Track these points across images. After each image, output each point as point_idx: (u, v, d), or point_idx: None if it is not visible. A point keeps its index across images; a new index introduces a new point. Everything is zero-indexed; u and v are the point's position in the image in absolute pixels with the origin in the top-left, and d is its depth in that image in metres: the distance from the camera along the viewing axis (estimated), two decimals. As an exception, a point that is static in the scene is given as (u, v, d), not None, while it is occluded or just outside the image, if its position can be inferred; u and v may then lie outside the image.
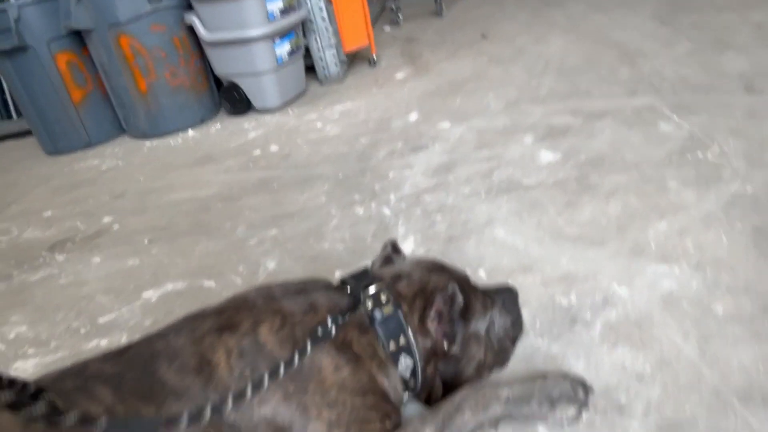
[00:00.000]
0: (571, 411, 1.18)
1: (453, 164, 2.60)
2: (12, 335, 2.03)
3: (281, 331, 1.10)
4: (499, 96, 3.34)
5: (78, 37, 4.03)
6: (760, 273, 1.52)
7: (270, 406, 1.03)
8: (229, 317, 1.13)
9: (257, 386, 1.00)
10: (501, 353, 1.33)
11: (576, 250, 1.80)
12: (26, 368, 1.82)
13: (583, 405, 1.19)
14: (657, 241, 1.75)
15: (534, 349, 1.43)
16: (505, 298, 1.38)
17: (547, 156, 2.47)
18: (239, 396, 0.98)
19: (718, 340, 1.34)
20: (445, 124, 3.10)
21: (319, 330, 1.10)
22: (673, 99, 2.75)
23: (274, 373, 1.02)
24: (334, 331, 1.11)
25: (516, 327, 1.38)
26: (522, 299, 1.43)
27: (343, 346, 1.12)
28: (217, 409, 0.95)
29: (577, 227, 1.92)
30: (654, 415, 1.18)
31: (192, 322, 1.14)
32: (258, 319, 1.12)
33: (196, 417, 0.92)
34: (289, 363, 1.04)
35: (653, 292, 1.54)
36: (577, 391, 1.19)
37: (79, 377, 1.00)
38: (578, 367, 1.34)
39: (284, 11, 3.91)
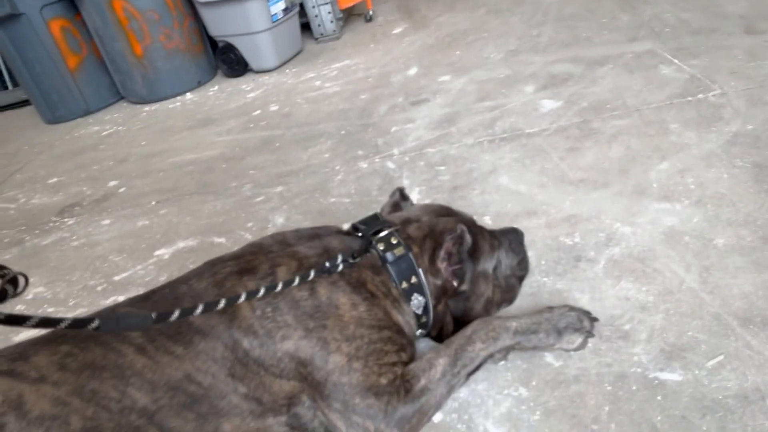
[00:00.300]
0: (578, 339, 1.23)
1: (455, 116, 2.61)
2: (30, 296, 2.08)
3: (297, 273, 1.14)
4: (499, 47, 3.32)
5: (71, 2, 3.98)
6: (759, 206, 1.56)
7: (292, 341, 1.08)
8: (248, 261, 1.17)
9: (251, 294, 1.05)
10: (508, 290, 1.38)
11: (579, 193, 1.83)
12: (48, 326, 1.88)
13: (588, 333, 1.24)
14: (659, 180, 1.78)
15: (540, 285, 1.48)
16: (511, 239, 1.42)
17: (548, 104, 2.48)
18: (234, 298, 1.03)
19: (718, 270, 1.38)
20: (446, 77, 3.09)
21: (327, 264, 1.14)
22: (673, 43, 2.74)
23: (270, 289, 1.07)
24: (341, 267, 1.15)
25: (522, 266, 1.42)
26: (527, 241, 1.47)
27: (358, 285, 1.16)
28: (209, 307, 1.00)
29: (580, 171, 1.94)
30: (657, 340, 1.24)
31: (212, 267, 1.18)
32: (275, 262, 1.17)
33: (187, 312, 0.97)
34: (288, 282, 1.09)
35: (656, 228, 1.57)
36: (583, 321, 1.24)
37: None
38: (583, 300, 1.39)
39: (278, -32, 3.85)
